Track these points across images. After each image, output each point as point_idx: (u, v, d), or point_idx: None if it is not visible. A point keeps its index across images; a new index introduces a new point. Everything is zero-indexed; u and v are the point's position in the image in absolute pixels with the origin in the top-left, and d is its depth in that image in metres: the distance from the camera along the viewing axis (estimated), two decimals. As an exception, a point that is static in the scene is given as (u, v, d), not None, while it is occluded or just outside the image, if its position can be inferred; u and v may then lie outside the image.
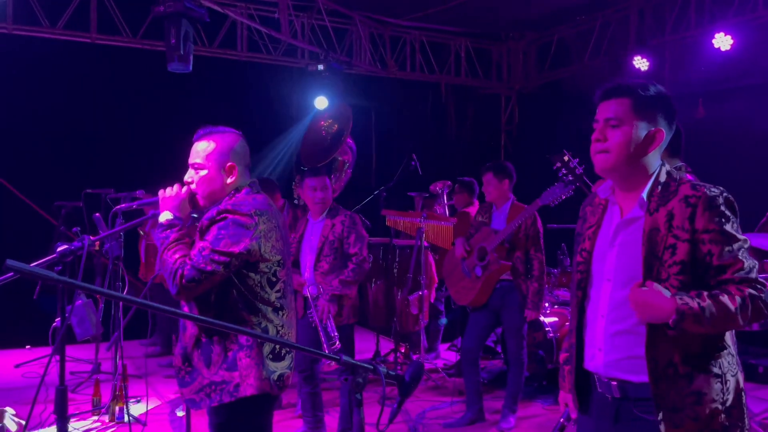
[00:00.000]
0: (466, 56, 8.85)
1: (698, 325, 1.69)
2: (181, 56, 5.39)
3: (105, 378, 5.09)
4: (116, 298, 1.67)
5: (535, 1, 7.04)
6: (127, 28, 6.87)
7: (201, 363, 2.35)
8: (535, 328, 5.30)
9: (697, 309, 1.68)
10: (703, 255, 1.76)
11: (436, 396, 5.20)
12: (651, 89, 1.87)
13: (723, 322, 1.71)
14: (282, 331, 2.40)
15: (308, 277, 4.07)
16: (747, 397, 4.66)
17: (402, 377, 1.66)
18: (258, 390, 2.30)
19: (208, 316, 2.32)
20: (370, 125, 8.80)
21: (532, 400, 5.09)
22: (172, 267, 2.26)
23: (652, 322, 1.74)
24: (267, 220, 2.36)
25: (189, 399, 2.40)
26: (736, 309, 1.69)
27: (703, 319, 1.68)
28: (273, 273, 2.38)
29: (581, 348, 1.96)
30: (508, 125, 9.51)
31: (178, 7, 5.30)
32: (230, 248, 2.26)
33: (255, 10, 7.30)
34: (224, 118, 2.81)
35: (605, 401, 1.90)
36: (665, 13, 7.06)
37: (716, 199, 1.77)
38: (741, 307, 1.69)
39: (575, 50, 8.20)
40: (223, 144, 2.41)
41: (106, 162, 6.75)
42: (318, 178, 4.01)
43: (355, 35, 7.93)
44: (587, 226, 2.00)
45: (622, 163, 1.84)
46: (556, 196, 4.15)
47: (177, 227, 2.35)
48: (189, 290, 2.25)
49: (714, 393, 1.76)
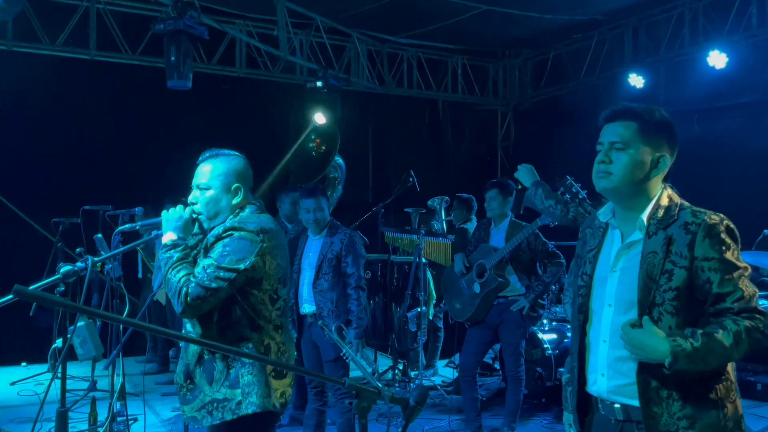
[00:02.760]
0: (463, 73, 8.92)
1: (692, 365, 1.69)
2: (180, 73, 5.43)
3: (102, 396, 5.05)
4: (119, 322, 1.67)
5: (531, 19, 7.11)
6: (126, 45, 6.90)
7: (203, 380, 2.36)
8: (534, 345, 5.30)
9: (690, 350, 1.68)
10: (703, 283, 1.76)
11: (434, 414, 5.18)
12: (656, 114, 1.88)
13: (717, 360, 1.71)
14: (283, 348, 2.42)
15: (306, 294, 4.06)
16: (746, 414, 4.65)
17: (407, 400, 1.65)
18: (260, 408, 2.30)
19: (211, 334, 2.34)
20: (368, 142, 8.84)
21: (531, 418, 5.07)
22: (177, 285, 2.27)
23: (646, 361, 1.74)
24: (272, 237, 2.38)
25: (190, 417, 2.40)
26: (731, 345, 1.69)
27: (696, 359, 1.68)
28: (274, 290, 2.40)
29: (583, 371, 1.96)
30: (505, 141, 9.56)
31: (178, 24, 5.34)
32: (235, 265, 2.28)
33: (254, 27, 7.35)
34: (223, 134, 2.84)
35: (608, 423, 1.90)
36: (659, 31, 7.14)
37: (717, 227, 1.77)
38: (736, 341, 1.69)
39: (571, 67, 8.28)
40: (229, 166, 2.45)
41: (104, 178, 6.75)
42: (313, 200, 4.02)
43: (353, 52, 7.99)
44: (588, 249, 2.01)
45: (626, 186, 1.85)
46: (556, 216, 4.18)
47: (180, 247, 2.36)
48: (194, 308, 2.26)
49: (710, 419, 1.75)
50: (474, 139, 9.45)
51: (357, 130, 8.19)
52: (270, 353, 2.36)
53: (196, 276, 2.27)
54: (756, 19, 6.21)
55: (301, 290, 4.07)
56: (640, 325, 1.75)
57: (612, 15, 7.26)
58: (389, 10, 6.79)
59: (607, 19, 7.43)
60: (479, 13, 6.83)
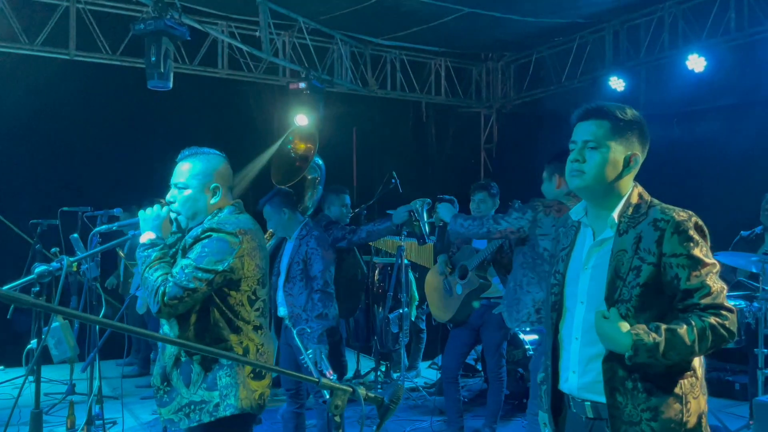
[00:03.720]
0: (446, 75, 8.95)
1: (653, 359, 1.71)
2: (161, 74, 5.38)
3: (80, 399, 4.99)
4: (93, 322, 1.65)
5: (514, 22, 7.16)
6: (106, 45, 6.84)
7: (180, 382, 2.34)
8: (515, 346, 5.32)
9: (651, 344, 1.70)
10: (671, 279, 1.78)
11: (416, 415, 5.18)
12: (628, 113, 1.90)
13: (679, 355, 1.73)
14: (262, 350, 2.40)
15: (280, 297, 4.05)
16: (724, 413, 4.65)
17: (381, 399, 1.65)
18: (238, 410, 2.29)
19: (188, 336, 2.32)
20: (352, 143, 8.84)
21: (512, 418, 5.09)
22: (154, 285, 2.25)
23: (611, 350, 1.78)
24: (251, 239, 2.37)
25: (167, 419, 2.38)
26: (693, 342, 1.71)
27: (657, 353, 1.70)
28: (253, 291, 2.38)
29: (556, 369, 1.97)
30: (488, 144, 9.60)
31: (159, 25, 5.30)
32: (213, 266, 2.26)
33: (236, 28, 7.32)
34: (205, 136, 2.83)
35: (579, 421, 1.92)
36: (640, 34, 7.21)
37: (685, 224, 1.79)
38: (699, 338, 1.71)
39: (553, 70, 8.34)
40: (208, 165, 2.43)
41: (83, 180, 6.68)
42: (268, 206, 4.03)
43: (336, 54, 7.98)
44: (561, 247, 2.02)
45: (599, 184, 1.87)
46: None
47: (158, 246, 2.34)
48: (170, 308, 2.24)
49: (672, 412, 1.77)
50: (457, 141, 9.49)
51: (341, 132, 8.18)
52: (249, 355, 2.35)
53: (174, 276, 2.25)
54: (734, 23, 6.29)
55: (278, 293, 4.05)
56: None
57: (593, 18, 7.32)
58: (372, 11, 6.79)
59: (589, 23, 7.49)
60: (462, 16, 6.86)
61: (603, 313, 1.78)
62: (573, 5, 6.81)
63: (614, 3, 6.79)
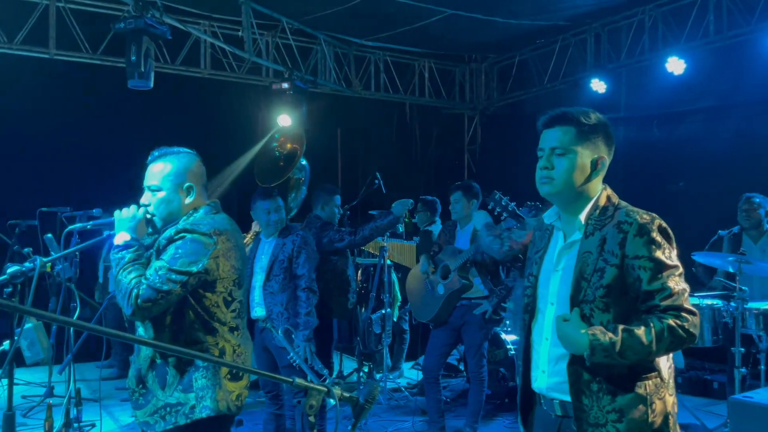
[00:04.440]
0: (430, 77, 8.97)
1: (610, 358, 1.74)
2: (141, 73, 5.34)
3: (58, 402, 4.93)
4: (65, 323, 1.63)
5: (496, 24, 7.19)
6: (87, 44, 6.78)
7: (156, 384, 2.32)
8: (497, 346, 5.35)
9: (607, 344, 1.73)
10: (633, 280, 1.81)
11: (398, 416, 5.18)
12: (592, 117, 1.93)
13: (635, 355, 1.75)
14: (239, 350, 2.38)
15: (257, 297, 4.02)
16: (702, 412, 4.69)
17: (356, 399, 1.65)
18: (215, 411, 2.27)
19: (164, 337, 2.30)
20: (336, 144, 8.83)
21: (494, 418, 5.11)
22: (128, 287, 2.23)
23: (571, 352, 1.81)
24: (226, 239, 2.35)
25: (143, 422, 2.36)
26: (650, 342, 1.73)
27: (613, 353, 1.73)
28: (229, 293, 2.36)
29: (528, 369, 2.00)
30: (471, 145, 9.64)
31: (139, 23, 5.26)
32: (187, 267, 2.24)
33: (219, 27, 7.28)
34: (187, 136, 2.80)
35: (549, 418, 1.94)
36: (621, 37, 7.28)
37: (647, 226, 1.82)
38: (657, 339, 1.74)
39: (536, 72, 8.39)
40: (180, 164, 2.39)
41: (63, 180, 6.61)
42: (271, 200, 3.98)
43: (320, 54, 7.97)
44: (535, 250, 2.06)
45: (568, 189, 1.90)
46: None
47: (133, 248, 2.32)
48: (144, 310, 2.22)
49: (637, 414, 1.79)
50: (441, 142, 9.52)
51: (325, 133, 8.17)
52: (225, 356, 2.33)
53: (148, 278, 2.23)
54: (713, 27, 6.37)
55: (253, 294, 4.01)
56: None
57: (575, 21, 7.38)
58: (355, 12, 6.80)
59: (570, 25, 7.55)
60: (445, 17, 6.88)
61: (564, 317, 1.81)
62: (554, 8, 6.86)
63: (595, 6, 6.85)
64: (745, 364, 4.21)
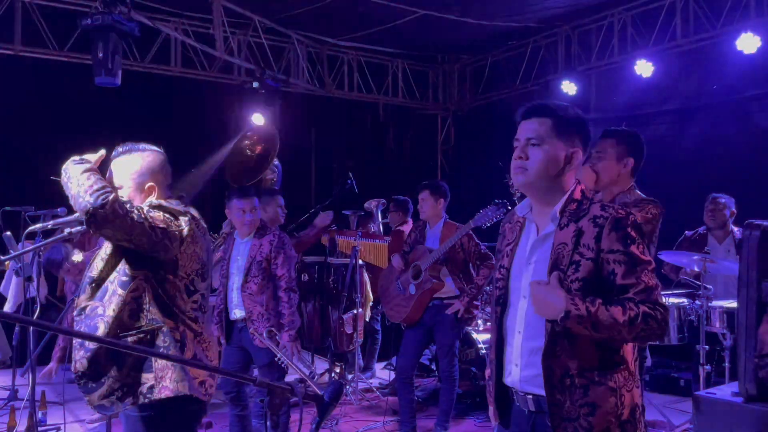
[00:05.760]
0: (404, 77, 8.99)
1: (581, 326, 1.75)
2: (108, 70, 5.25)
3: (22, 405, 4.82)
4: (15, 321, 1.58)
5: (469, 25, 7.23)
6: (53, 40, 6.65)
7: (110, 365, 2.22)
8: (468, 345, 5.37)
9: (583, 312, 1.74)
10: (608, 274, 1.82)
11: (370, 416, 5.17)
12: (570, 111, 1.94)
13: (607, 330, 1.76)
14: (200, 338, 2.33)
15: (236, 299, 3.99)
16: (669, 409, 4.74)
17: (321, 397, 1.64)
18: (174, 392, 2.20)
19: (123, 317, 2.22)
20: (311, 144, 8.80)
21: (465, 417, 5.13)
22: (94, 185, 2.07)
23: (545, 317, 1.82)
24: (196, 226, 2.33)
25: (98, 405, 2.26)
26: (623, 322, 1.75)
27: (587, 322, 1.74)
28: (191, 281, 2.31)
29: (501, 363, 1.99)
30: (445, 145, 9.69)
31: (107, 20, 5.17)
32: (158, 223, 2.18)
33: (189, 25, 7.20)
34: (157, 135, 2.76)
35: (522, 414, 1.95)
36: (591, 40, 7.38)
37: (623, 221, 1.84)
38: (630, 321, 1.75)
39: (508, 73, 8.45)
40: (143, 163, 2.36)
41: (28, 178, 6.46)
42: (247, 200, 3.94)
43: (292, 54, 7.93)
44: (506, 242, 2.06)
45: (541, 180, 1.90)
46: (489, 218, 4.27)
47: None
48: (105, 217, 2.04)
49: (608, 406, 1.81)
50: (414, 142, 9.55)
51: (300, 132, 8.14)
52: (186, 341, 2.27)
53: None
54: (680, 30, 6.49)
55: (230, 295, 3.99)
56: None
57: (546, 23, 7.46)
58: (329, 11, 6.78)
59: (541, 27, 7.62)
60: (417, 18, 6.90)
61: (539, 281, 1.82)
62: (526, 9, 6.92)
63: (566, 8, 6.93)
64: (710, 362, 4.28)
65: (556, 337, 1.82)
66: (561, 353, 1.82)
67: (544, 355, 1.83)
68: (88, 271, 2.35)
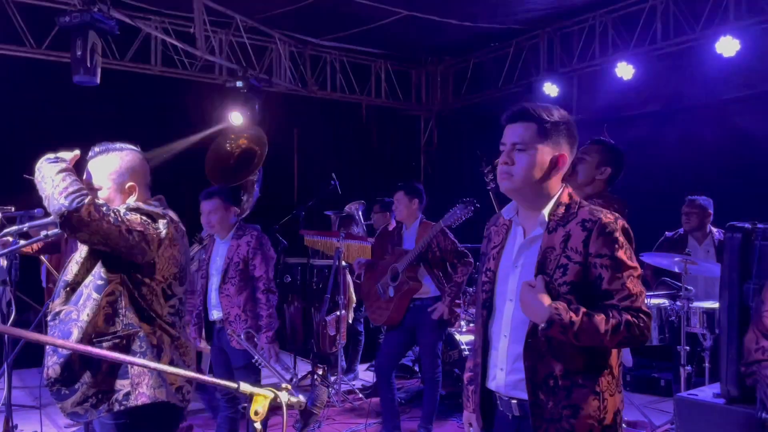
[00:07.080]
0: (387, 78, 8.97)
1: (564, 335, 1.76)
2: (87, 68, 5.17)
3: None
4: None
5: (452, 27, 7.24)
6: (30, 38, 6.53)
7: (84, 371, 2.15)
8: (451, 347, 5.36)
9: (566, 321, 1.74)
10: (594, 278, 1.82)
11: (352, 418, 5.15)
12: (555, 114, 1.91)
13: (590, 339, 1.77)
14: (178, 343, 2.27)
15: (214, 300, 3.94)
16: (650, 409, 4.78)
17: (304, 403, 1.61)
18: (151, 398, 2.14)
19: (97, 321, 2.15)
20: (293, 144, 8.74)
21: (448, 419, 5.12)
22: (69, 187, 2.01)
23: (531, 319, 1.81)
24: (175, 229, 2.27)
25: (72, 413, 2.18)
26: (606, 331, 1.75)
27: (569, 331, 1.75)
28: (169, 285, 2.25)
29: (485, 367, 1.98)
30: (428, 146, 9.69)
31: (85, 18, 5.09)
32: (135, 226, 2.12)
33: (170, 24, 7.12)
34: (136, 134, 2.71)
35: (506, 419, 1.93)
36: (573, 42, 7.42)
37: (611, 225, 1.83)
38: (613, 330, 1.76)
39: (490, 75, 8.48)
40: (122, 162, 2.30)
41: (5, 179, 6.34)
42: (209, 201, 3.90)
43: (275, 53, 7.88)
44: (492, 246, 2.04)
45: (527, 185, 1.89)
46: (458, 216, 4.27)
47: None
48: (80, 221, 1.98)
49: (591, 409, 1.81)
50: (397, 143, 9.54)
51: (282, 133, 8.08)
52: (163, 346, 2.22)
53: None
54: (660, 33, 6.55)
55: (209, 296, 3.95)
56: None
57: (528, 25, 7.49)
58: (311, 11, 6.74)
59: (524, 29, 7.65)
60: (400, 19, 6.89)
61: (530, 282, 1.82)
62: (509, 11, 6.95)
63: (548, 10, 6.96)
64: (690, 362, 4.32)
65: (540, 337, 1.81)
66: (546, 354, 1.81)
67: (525, 356, 1.83)
68: (62, 275, 2.28)
